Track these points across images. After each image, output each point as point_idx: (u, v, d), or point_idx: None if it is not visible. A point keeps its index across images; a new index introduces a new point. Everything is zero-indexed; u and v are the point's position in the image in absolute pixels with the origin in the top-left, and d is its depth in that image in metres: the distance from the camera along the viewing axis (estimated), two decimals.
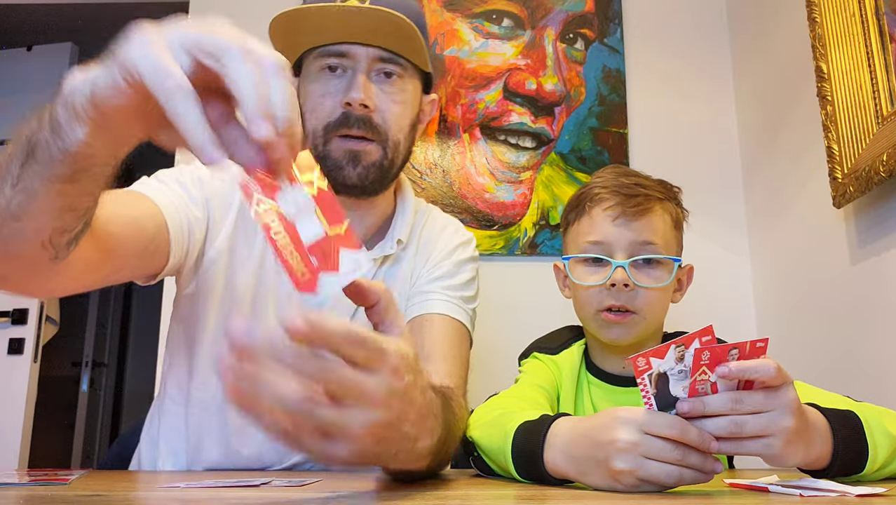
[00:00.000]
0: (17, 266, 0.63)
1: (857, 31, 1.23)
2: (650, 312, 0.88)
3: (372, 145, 0.89)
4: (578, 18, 1.83)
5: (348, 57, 0.89)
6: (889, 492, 0.54)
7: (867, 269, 1.24)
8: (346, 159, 0.89)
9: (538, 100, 1.79)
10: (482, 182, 1.75)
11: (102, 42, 0.60)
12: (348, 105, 0.87)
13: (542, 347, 0.98)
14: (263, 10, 1.89)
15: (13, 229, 0.59)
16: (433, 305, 0.96)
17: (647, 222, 0.88)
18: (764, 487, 0.58)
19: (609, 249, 0.88)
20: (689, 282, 0.96)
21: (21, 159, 0.56)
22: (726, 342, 0.58)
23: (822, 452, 0.59)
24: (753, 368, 0.56)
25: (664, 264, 0.89)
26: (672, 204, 0.93)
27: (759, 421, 0.56)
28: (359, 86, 0.87)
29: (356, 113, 0.88)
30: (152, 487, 0.67)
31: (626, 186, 0.89)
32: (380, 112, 0.89)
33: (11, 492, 0.56)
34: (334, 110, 0.89)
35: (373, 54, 0.89)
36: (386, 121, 0.90)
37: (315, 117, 0.90)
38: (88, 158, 0.55)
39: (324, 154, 0.90)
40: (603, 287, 0.88)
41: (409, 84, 0.93)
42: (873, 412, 0.67)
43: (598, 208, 0.90)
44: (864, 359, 1.25)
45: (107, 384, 4.22)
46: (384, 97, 0.90)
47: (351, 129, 0.88)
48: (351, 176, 0.89)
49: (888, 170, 1.11)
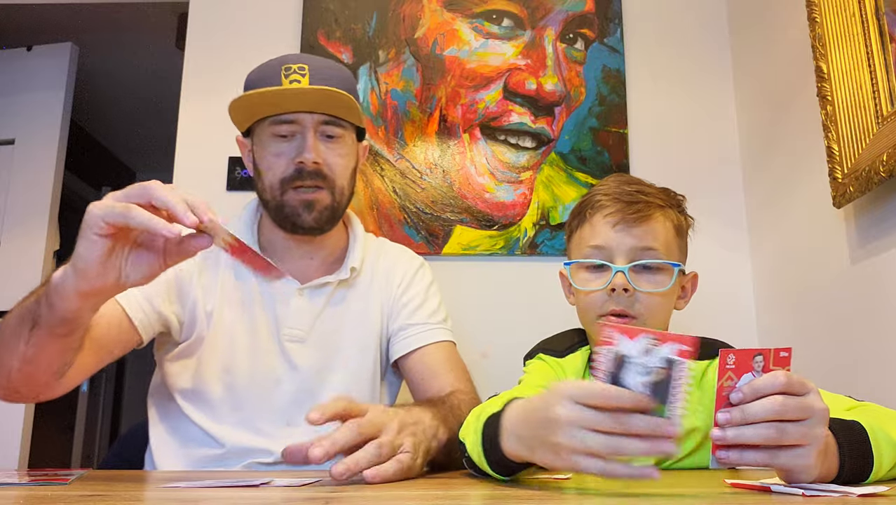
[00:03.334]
0: (33, 389, 0.90)
1: (857, 31, 1.23)
2: (651, 317, 0.88)
3: (323, 192, 1.07)
4: (578, 18, 1.83)
5: (298, 123, 1.07)
6: (890, 492, 0.54)
7: (867, 269, 1.24)
8: (301, 207, 1.07)
9: (538, 100, 1.79)
10: (482, 182, 1.75)
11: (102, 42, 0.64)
12: (301, 163, 1.05)
13: (547, 349, 0.98)
14: (262, 10, 1.89)
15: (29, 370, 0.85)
16: (423, 337, 1.15)
17: (647, 228, 0.88)
18: (766, 486, 0.58)
19: (610, 255, 0.88)
20: (693, 289, 0.96)
21: (29, 326, 0.81)
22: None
23: (831, 465, 0.59)
24: (768, 386, 0.55)
25: (665, 270, 0.88)
26: (674, 211, 0.93)
27: (800, 429, 0.55)
28: (310, 147, 1.05)
29: (308, 168, 1.06)
30: (152, 487, 0.66)
31: (627, 193, 0.90)
32: (327, 165, 1.07)
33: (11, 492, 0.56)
34: (288, 167, 1.06)
35: (318, 119, 1.07)
36: (333, 171, 1.08)
37: (272, 174, 1.08)
38: (79, 318, 0.79)
39: (281, 203, 1.08)
40: (604, 292, 0.88)
41: (347, 139, 1.12)
42: (876, 418, 0.67)
43: (598, 215, 0.91)
44: (864, 359, 1.25)
45: (107, 385, 4.22)
46: (329, 152, 1.08)
47: (304, 182, 1.06)
48: (307, 220, 1.07)
49: (888, 170, 1.11)
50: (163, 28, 2.79)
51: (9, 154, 2.69)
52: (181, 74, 1.86)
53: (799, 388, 0.56)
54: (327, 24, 1.83)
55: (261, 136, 1.10)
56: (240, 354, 1.07)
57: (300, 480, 0.68)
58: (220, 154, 1.77)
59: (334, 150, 1.09)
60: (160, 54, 3.01)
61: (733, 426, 0.55)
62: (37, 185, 2.64)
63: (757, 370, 0.57)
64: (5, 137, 2.72)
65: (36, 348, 0.82)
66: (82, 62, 2.87)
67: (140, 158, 4.31)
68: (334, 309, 1.13)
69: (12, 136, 2.71)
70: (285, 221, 1.09)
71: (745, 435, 0.55)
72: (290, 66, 1.06)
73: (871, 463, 0.61)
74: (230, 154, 1.76)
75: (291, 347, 1.09)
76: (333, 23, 1.82)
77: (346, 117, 1.09)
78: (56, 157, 2.66)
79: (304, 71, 1.06)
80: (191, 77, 1.85)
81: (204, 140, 1.79)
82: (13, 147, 2.70)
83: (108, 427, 4.15)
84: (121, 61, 3.19)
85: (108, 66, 3.20)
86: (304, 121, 1.06)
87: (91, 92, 3.33)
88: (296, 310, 1.10)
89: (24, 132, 2.71)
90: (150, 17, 2.77)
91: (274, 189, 1.08)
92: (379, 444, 0.74)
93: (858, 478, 0.61)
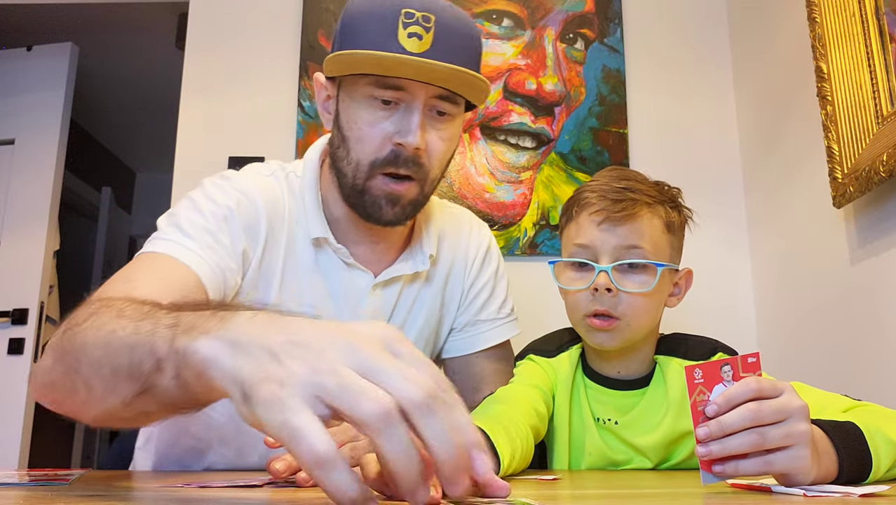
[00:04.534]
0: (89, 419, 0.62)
1: (857, 31, 1.23)
2: (635, 318, 0.86)
3: (413, 185, 0.88)
4: (578, 18, 1.83)
5: (406, 91, 0.84)
6: (891, 491, 0.54)
7: (867, 269, 1.24)
8: (385, 199, 0.88)
9: (538, 100, 1.79)
10: (482, 182, 1.75)
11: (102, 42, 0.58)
12: (400, 145, 0.85)
13: (538, 350, 0.97)
14: (262, 10, 1.89)
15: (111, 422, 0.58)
16: (484, 338, 1.03)
17: (633, 227, 0.86)
18: (767, 487, 0.58)
19: (594, 254, 0.87)
20: (687, 287, 0.94)
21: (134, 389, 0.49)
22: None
23: (829, 466, 0.59)
24: (740, 394, 0.55)
25: (650, 269, 0.86)
26: (665, 207, 0.90)
27: (782, 429, 0.55)
28: (415, 129, 0.84)
29: (406, 153, 0.85)
30: (152, 487, 0.66)
31: (613, 191, 0.88)
32: (428, 152, 0.87)
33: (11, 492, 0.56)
34: (383, 146, 0.85)
35: (432, 91, 0.85)
36: (431, 160, 0.88)
37: (362, 149, 0.87)
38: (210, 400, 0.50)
39: (364, 189, 0.88)
40: (588, 292, 0.86)
41: (458, 119, 0.91)
42: (872, 417, 0.67)
43: (585, 213, 0.89)
44: (863, 358, 1.25)
45: None
46: (434, 135, 0.87)
47: (399, 169, 0.86)
48: (388, 215, 0.89)
49: (888, 170, 1.11)
50: (163, 28, 2.80)
51: (9, 154, 2.70)
52: (181, 74, 1.86)
53: (771, 390, 0.56)
54: (327, 24, 1.83)
55: (355, 93, 0.87)
56: None
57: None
58: (221, 154, 1.77)
59: (441, 132, 0.88)
60: (160, 54, 3.01)
61: (714, 440, 0.55)
62: (37, 185, 2.65)
63: (727, 380, 0.57)
64: (5, 137, 2.72)
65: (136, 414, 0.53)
66: (82, 62, 2.87)
67: (140, 158, 4.31)
68: (402, 307, 0.99)
69: (12, 136, 2.72)
70: (359, 208, 0.90)
71: (729, 446, 0.55)
72: (413, 12, 0.82)
73: (870, 462, 0.61)
74: (230, 154, 1.77)
75: None
76: (333, 23, 1.82)
77: (466, 95, 0.88)
78: (56, 157, 2.66)
79: (429, 23, 0.82)
80: (191, 77, 1.86)
81: (204, 140, 1.80)
82: (13, 147, 2.70)
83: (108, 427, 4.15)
84: (121, 61, 3.19)
85: (108, 66, 3.21)
86: (415, 91, 0.84)
87: (91, 92, 3.33)
88: (369, 312, 0.95)
89: (24, 132, 2.71)
90: (150, 17, 2.77)
91: (361, 169, 0.87)
92: (353, 447, 0.66)
93: (858, 478, 0.61)
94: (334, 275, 0.93)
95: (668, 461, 0.90)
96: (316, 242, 0.92)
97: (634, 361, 0.92)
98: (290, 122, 1.81)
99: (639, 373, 0.92)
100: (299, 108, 1.81)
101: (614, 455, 0.90)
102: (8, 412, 2.43)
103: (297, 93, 1.82)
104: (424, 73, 0.82)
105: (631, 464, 0.90)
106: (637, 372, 0.92)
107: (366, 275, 0.94)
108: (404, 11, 0.82)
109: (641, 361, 0.92)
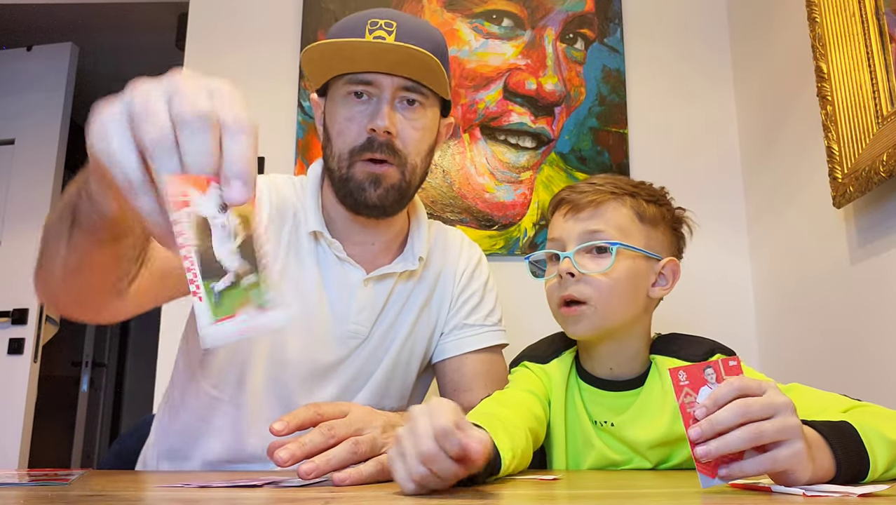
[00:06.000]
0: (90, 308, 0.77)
1: (857, 31, 1.23)
2: (601, 301, 0.87)
3: (392, 168, 0.95)
4: (578, 18, 1.83)
5: (375, 85, 0.94)
6: (890, 491, 0.54)
7: (867, 269, 1.24)
8: (368, 181, 0.95)
9: (538, 100, 1.79)
10: (482, 182, 1.75)
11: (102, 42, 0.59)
12: (372, 131, 0.93)
13: (531, 357, 0.98)
14: (262, 10, 1.89)
15: (77, 282, 0.68)
16: (473, 341, 1.08)
17: (594, 212, 0.89)
18: (766, 486, 0.58)
19: (563, 245, 0.90)
20: (675, 278, 0.93)
21: (68, 221, 0.62)
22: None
23: (825, 465, 0.59)
24: (726, 393, 0.56)
25: (618, 253, 0.87)
26: (636, 199, 0.91)
27: (774, 424, 0.55)
28: (383, 114, 0.93)
29: (380, 139, 0.94)
30: (152, 487, 0.66)
31: (578, 186, 0.93)
32: (401, 138, 0.96)
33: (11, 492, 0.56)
34: (360, 135, 0.95)
35: (398, 83, 0.94)
36: (406, 145, 0.96)
37: (342, 141, 0.96)
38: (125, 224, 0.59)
39: (347, 176, 0.96)
40: (557, 281, 0.89)
41: (429, 111, 0.99)
42: (869, 417, 0.67)
43: (557, 212, 0.93)
44: (863, 358, 1.25)
45: (107, 384, 4.22)
46: (406, 123, 0.96)
47: (374, 154, 0.94)
48: (372, 197, 0.96)
49: (888, 170, 1.11)
50: (163, 28, 2.80)
51: (9, 154, 2.70)
52: None
53: (756, 389, 0.57)
54: (327, 24, 1.83)
55: (335, 95, 0.98)
56: (291, 345, 0.97)
57: (300, 480, 0.68)
58: None
59: (412, 120, 0.97)
60: (160, 54, 3.01)
61: (707, 439, 0.56)
62: (37, 185, 2.65)
63: (711, 382, 0.58)
64: (5, 137, 2.72)
65: (78, 254, 0.63)
66: (82, 62, 2.87)
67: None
68: (395, 302, 1.04)
69: (12, 136, 2.72)
70: (348, 197, 0.97)
71: (729, 443, 0.55)
72: (377, 20, 0.94)
73: (867, 461, 0.61)
74: None
75: (351, 343, 1.00)
76: (333, 22, 1.82)
77: (429, 83, 0.97)
78: (56, 157, 2.66)
79: (391, 28, 0.94)
80: None
81: None
82: (13, 147, 2.71)
83: (108, 427, 4.15)
84: (121, 61, 3.19)
85: (108, 66, 3.21)
86: (382, 83, 0.94)
87: (91, 92, 3.33)
88: (360, 304, 1.00)
89: (24, 132, 2.71)
90: (150, 17, 2.77)
91: (342, 159, 0.96)
92: (356, 441, 0.70)
93: (856, 477, 0.61)
94: (328, 268, 1.00)
95: (668, 462, 0.90)
96: (313, 236, 1.00)
97: (625, 357, 0.91)
98: (290, 122, 1.81)
99: (633, 372, 0.92)
100: (299, 108, 1.81)
101: (613, 456, 0.90)
102: (8, 412, 2.43)
103: (297, 93, 1.82)
104: (385, 55, 0.91)
105: (630, 464, 0.90)
106: (631, 371, 0.92)
107: (357, 270, 1.01)
108: (370, 21, 0.95)
109: (633, 359, 0.92)
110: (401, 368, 1.05)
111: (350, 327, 1.00)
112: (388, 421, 0.76)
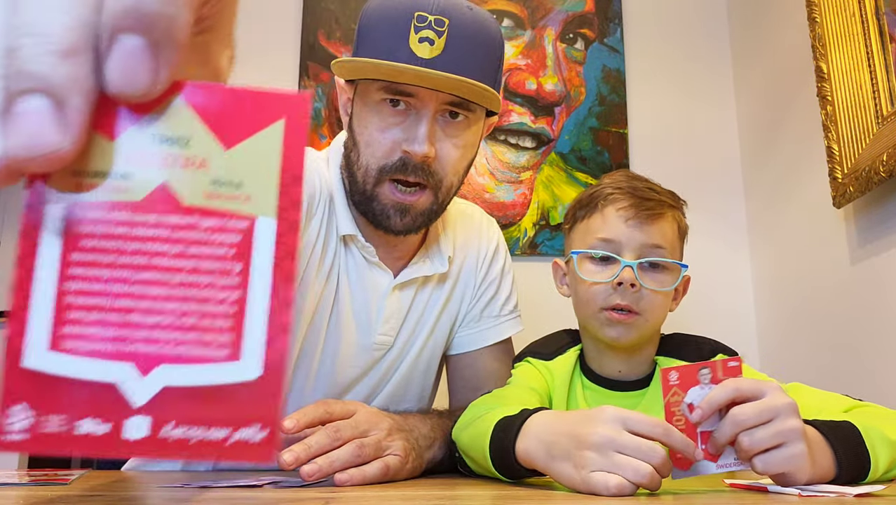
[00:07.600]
0: None
1: (857, 31, 1.23)
2: (653, 315, 0.88)
3: (424, 194, 0.86)
4: (578, 18, 1.83)
5: (416, 97, 0.83)
6: (886, 491, 0.55)
7: (867, 269, 1.24)
8: (393, 209, 0.86)
9: (538, 100, 1.79)
10: (482, 182, 1.75)
11: None
12: (407, 153, 0.83)
13: (535, 353, 0.97)
14: (262, 10, 1.89)
15: None
16: (488, 335, 1.03)
17: (658, 227, 0.88)
18: (763, 486, 0.58)
19: (618, 248, 0.88)
20: (684, 292, 0.96)
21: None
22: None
23: (825, 465, 0.59)
24: (720, 396, 0.57)
25: (670, 270, 0.89)
26: (680, 213, 0.93)
27: (768, 430, 0.56)
28: (422, 137, 0.82)
29: (415, 161, 0.83)
30: (152, 487, 0.67)
31: (640, 190, 0.90)
32: (439, 158, 0.85)
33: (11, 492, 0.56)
34: (392, 153, 0.84)
35: (443, 98, 0.83)
36: (444, 167, 0.86)
37: (370, 153, 0.85)
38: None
39: (372, 195, 0.86)
40: (609, 285, 0.87)
41: (473, 126, 0.88)
42: (871, 417, 0.67)
43: (611, 207, 0.89)
44: (863, 358, 1.25)
45: None
46: (446, 141, 0.85)
47: (408, 176, 0.84)
48: (397, 225, 0.87)
49: (888, 170, 1.11)
50: None
51: None
52: None
53: (753, 392, 0.57)
54: (327, 24, 1.83)
55: (367, 98, 0.85)
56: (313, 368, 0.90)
57: (299, 480, 0.68)
58: None
59: (455, 139, 0.85)
60: None
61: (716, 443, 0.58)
62: None
63: (705, 383, 0.58)
64: None
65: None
66: None
67: None
68: (419, 304, 0.97)
69: None
70: (369, 214, 0.88)
71: (744, 443, 0.57)
72: (426, 15, 0.80)
73: (868, 462, 0.61)
74: None
75: (376, 354, 0.94)
76: (333, 23, 1.82)
77: (478, 102, 0.85)
78: None
79: (442, 27, 0.80)
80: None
81: None
82: None
83: None
84: None
85: None
86: (425, 98, 0.82)
87: None
88: (388, 311, 0.93)
89: None
90: None
91: (369, 174, 0.85)
92: (360, 443, 0.69)
93: (857, 478, 0.61)
94: (355, 272, 0.92)
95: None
96: (343, 240, 0.91)
97: (638, 360, 0.92)
98: None
99: (639, 374, 0.92)
100: None
101: None
102: None
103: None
104: (430, 82, 0.80)
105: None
106: (638, 373, 0.92)
107: (386, 274, 0.93)
108: (417, 14, 0.80)
109: (643, 362, 0.92)
110: (420, 371, 1.00)
111: (377, 339, 0.93)
112: (393, 424, 0.76)
